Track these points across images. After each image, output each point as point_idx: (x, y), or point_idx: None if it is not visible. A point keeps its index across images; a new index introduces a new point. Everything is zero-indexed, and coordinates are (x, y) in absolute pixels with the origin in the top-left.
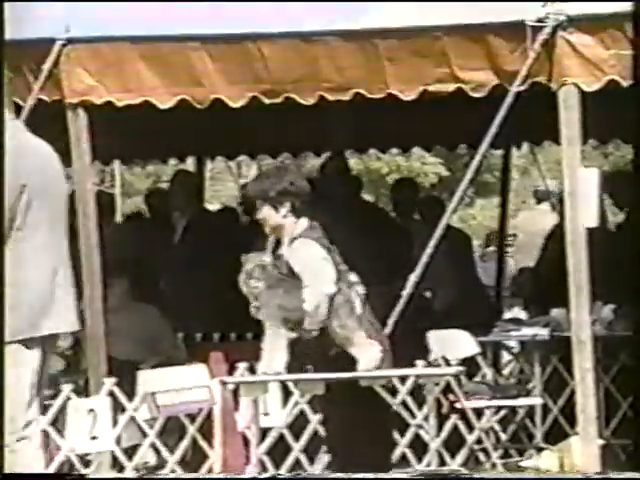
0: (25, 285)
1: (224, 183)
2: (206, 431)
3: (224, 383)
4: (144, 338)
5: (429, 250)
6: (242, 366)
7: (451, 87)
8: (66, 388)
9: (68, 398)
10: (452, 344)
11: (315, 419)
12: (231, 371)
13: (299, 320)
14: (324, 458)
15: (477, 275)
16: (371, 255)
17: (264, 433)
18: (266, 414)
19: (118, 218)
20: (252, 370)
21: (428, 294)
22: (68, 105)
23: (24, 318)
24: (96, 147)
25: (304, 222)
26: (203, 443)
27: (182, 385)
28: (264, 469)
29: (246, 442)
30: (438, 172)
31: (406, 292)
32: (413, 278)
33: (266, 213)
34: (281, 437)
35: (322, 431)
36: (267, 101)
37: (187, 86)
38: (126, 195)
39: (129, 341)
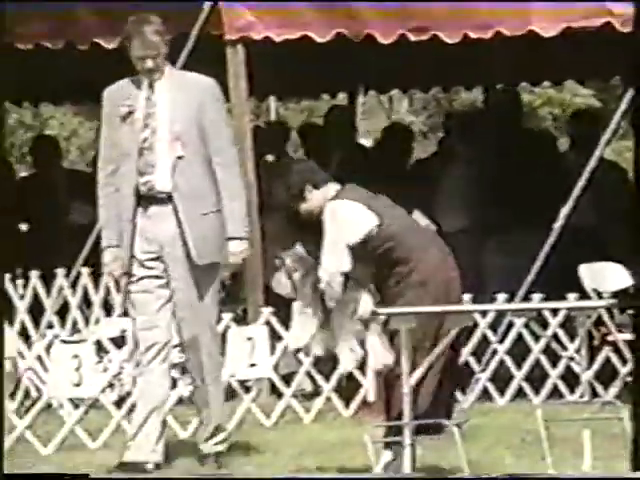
0: None
1: (376, 117)
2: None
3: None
4: None
5: (581, 183)
6: None
7: (598, 22)
8: (226, 317)
9: (227, 327)
10: (604, 276)
11: (466, 351)
12: None
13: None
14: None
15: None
16: (529, 187)
17: None
18: None
19: None
20: None
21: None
22: (227, 41)
23: None
24: (253, 83)
25: (333, 186)
26: (357, 372)
27: None
28: None
29: None
30: (590, 104)
31: (558, 225)
32: (565, 210)
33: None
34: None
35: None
36: (413, 38)
37: (343, 20)
38: None
39: None
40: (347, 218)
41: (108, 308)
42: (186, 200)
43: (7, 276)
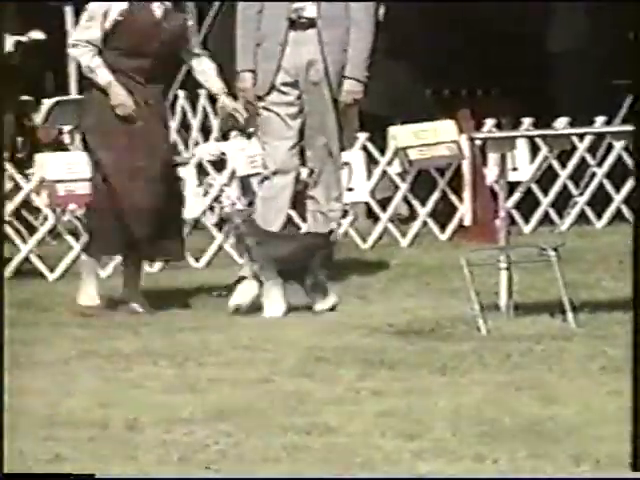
0: None
1: None
2: (455, 185)
3: (472, 139)
4: (394, 94)
5: None
6: (490, 122)
7: None
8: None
9: None
10: None
11: (564, 174)
12: (478, 127)
13: None
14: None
15: None
16: None
17: (512, 188)
18: (514, 169)
19: None
20: (499, 126)
21: None
22: None
23: None
24: None
25: None
26: (452, 196)
27: (432, 140)
28: (513, 222)
29: (494, 196)
30: None
31: None
32: None
33: None
34: (529, 191)
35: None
36: None
37: None
38: None
39: (381, 97)
40: None
41: (206, 131)
42: (328, 28)
43: None
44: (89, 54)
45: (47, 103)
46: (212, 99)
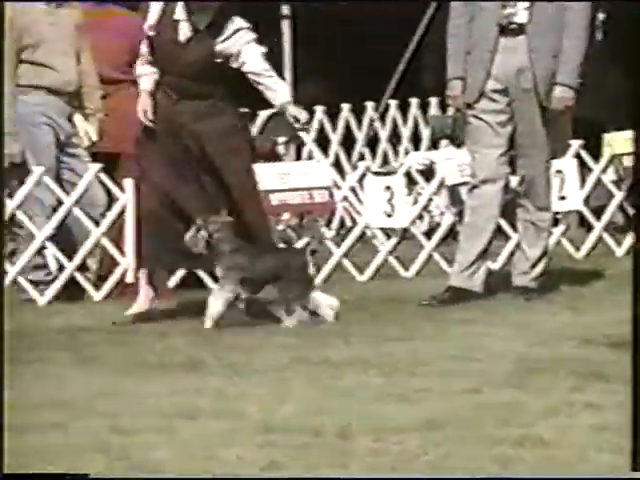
0: None
1: None
2: None
3: None
4: (609, 100)
5: None
6: None
7: None
8: None
9: None
10: None
11: None
12: None
13: None
14: None
15: None
16: None
17: None
18: None
19: None
20: None
21: None
22: None
23: None
24: None
25: None
26: None
27: None
28: None
29: None
30: None
31: None
32: None
33: None
34: None
35: None
36: None
37: None
38: None
39: (596, 103)
40: None
41: (416, 140)
42: (538, 34)
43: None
44: (141, 63)
45: (263, 115)
46: (423, 108)
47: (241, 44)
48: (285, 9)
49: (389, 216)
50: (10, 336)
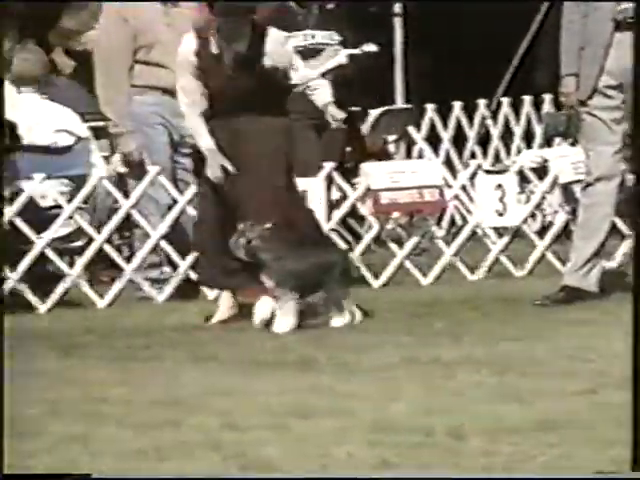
0: None
1: None
2: None
3: None
4: None
5: None
6: None
7: None
8: None
9: None
10: None
11: None
12: None
13: None
14: None
15: None
16: None
17: None
18: None
19: None
20: None
21: None
22: None
23: None
24: None
25: None
26: None
27: None
28: None
29: None
30: None
31: None
32: None
33: None
34: None
35: None
36: None
37: None
38: None
39: None
40: None
41: (529, 138)
42: None
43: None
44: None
45: (374, 113)
46: (537, 106)
47: (282, 55)
48: (397, 7)
49: (501, 215)
50: (127, 333)
